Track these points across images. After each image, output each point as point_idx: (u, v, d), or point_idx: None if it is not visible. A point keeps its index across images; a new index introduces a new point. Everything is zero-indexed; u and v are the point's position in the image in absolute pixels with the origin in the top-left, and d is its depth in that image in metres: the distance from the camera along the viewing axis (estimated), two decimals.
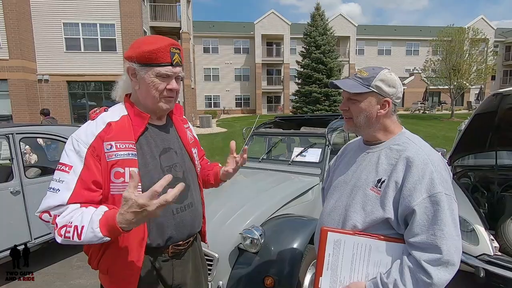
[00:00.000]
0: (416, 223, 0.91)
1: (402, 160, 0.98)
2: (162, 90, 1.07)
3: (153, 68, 1.05)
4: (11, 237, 2.83)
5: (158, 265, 1.11)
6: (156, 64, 1.05)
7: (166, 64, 1.06)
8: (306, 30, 22.39)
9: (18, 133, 2.96)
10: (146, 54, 1.03)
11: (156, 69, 1.05)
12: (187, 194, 1.19)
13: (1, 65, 13.00)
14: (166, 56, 1.05)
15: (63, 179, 0.98)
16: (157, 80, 1.06)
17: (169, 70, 1.07)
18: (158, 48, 1.04)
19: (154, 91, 1.07)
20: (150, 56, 1.03)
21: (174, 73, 1.08)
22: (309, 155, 3.01)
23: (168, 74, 1.07)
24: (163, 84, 1.07)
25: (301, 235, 2.02)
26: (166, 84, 1.08)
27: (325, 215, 1.13)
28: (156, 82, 1.06)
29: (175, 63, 1.08)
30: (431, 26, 32.85)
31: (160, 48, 1.04)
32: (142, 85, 1.08)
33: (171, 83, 1.09)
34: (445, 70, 18.65)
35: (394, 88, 1.04)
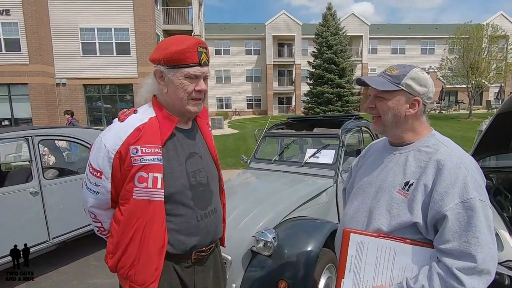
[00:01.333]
0: (447, 229, 0.87)
1: (433, 163, 0.94)
2: (191, 92, 1.06)
3: (181, 69, 1.03)
4: (30, 236, 2.91)
5: (181, 272, 1.10)
6: (184, 65, 1.02)
7: (194, 65, 1.04)
8: (318, 30, 22.22)
9: (37, 135, 3.05)
10: (173, 55, 1.01)
11: (185, 70, 1.03)
12: (211, 200, 1.17)
13: (22, 70, 13.52)
14: (194, 56, 1.03)
15: (99, 183, 1.05)
16: (185, 82, 1.04)
17: (197, 71, 1.05)
18: (186, 48, 1.01)
19: (183, 93, 1.05)
20: (178, 57, 1.01)
21: (203, 73, 1.07)
22: (323, 156, 2.96)
23: (197, 75, 1.05)
24: (191, 86, 1.05)
25: (315, 238, 1.98)
26: (194, 85, 1.06)
27: (348, 217, 1.10)
28: (185, 84, 1.04)
29: (203, 62, 1.05)
30: (447, 24, 31.95)
31: (187, 48, 1.02)
32: (170, 87, 1.06)
33: (200, 83, 1.07)
34: (463, 68, 18.09)
35: (425, 88, 1.00)
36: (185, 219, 1.08)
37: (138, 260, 1.03)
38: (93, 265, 3.27)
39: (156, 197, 1.01)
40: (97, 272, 3.11)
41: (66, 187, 3.23)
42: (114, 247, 1.07)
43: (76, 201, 2.99)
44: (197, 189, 1.12)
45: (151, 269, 1.03)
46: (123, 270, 1.06)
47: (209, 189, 1.18)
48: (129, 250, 1.03)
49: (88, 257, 3.45)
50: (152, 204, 1.01)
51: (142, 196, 1.01)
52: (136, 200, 1.01)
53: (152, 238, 1.02)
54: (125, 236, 1.04)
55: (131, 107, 1.13)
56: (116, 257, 1.06)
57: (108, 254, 1.10)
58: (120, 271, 1.07)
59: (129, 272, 1.05)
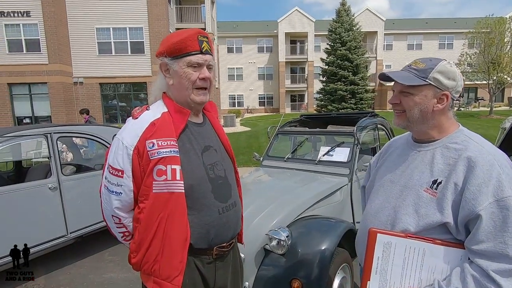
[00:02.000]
0: (481, 229, 0.83)
1: (463, 160, 0.90)
2: (195, 80, 1.06)
3: (184, 58, 1.05)
4: (50, 231, 3.00)
5: (203, 268, 1.10)
6: (185, 54, 1.04)
7: (196, 52, 1.05)
8: (331, 27, 21.88)
9: (55, 132, 3.13)
10: (175, 45, 1.04)
11: (187, 58, 1.05)
12: (230, 193, 1.17)
13: (42, 70, 13.98)
14: (195, 44, 1.05)
15: (121, 183, 1.04)
16: (189, 70, 1.05)
17: (199, 58, 1.06)
18: (186, 37, 1.04)
19: (187, 82, 1.06)
20: (179, 46, 1.03)
21: (205, 60, 1.07)
22: (337, 154, 2.91)
23: (199, 62, 1.06)
24: (195, 74, 1.06)
25: (329, 237, 1.94)
26: (198, 74, 1.06)
27: (370, 216, 1.06)
28: (188, 72, 1.05)
29: (204, 50, 1.07)
30: (466, 18, 30.80)
31: (187, 37, 1.04)
32: (175, 79, 1.07)
33: (203, 71, 1.07)
34: (483, 64, 17.42)
35: (454, 81, 0.95)
36: (207, 212, 1.07)
37: (162, 254, 1.02)
38: (108, 260, 3.35)
39: (176, 189, 1.01)
40: (112, 267, 3.18)
41: (83, 183, 3.31)
42: (137, 245, 1.06)
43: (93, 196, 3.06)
44: (216, 182, 1.12)
45: (175, 262, 1.02)
46: (147, 265, 1.05)
47: (227, 182, 1.17)
48: (153, 245, 1.03)
49: (103, 252, 3.53)
50: (173, 196, 1.01)
51: (162, 189, 1.00)
52: (156, 194, 1.01)
53: (175, 231, 1.01)
54: (148, 232, 1.03)
55: (145, 105, 1.14)
56: (140, 254, 1.06)
57: (131, 253, 1.09)
58: (144, 267, 1.06)
59: (153, 267, 1.04)
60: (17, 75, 13.97)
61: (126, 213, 1.09)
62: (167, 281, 1.03)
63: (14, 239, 2.73)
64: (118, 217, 1.09)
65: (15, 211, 2.77)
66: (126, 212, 1.09)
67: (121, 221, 1.10)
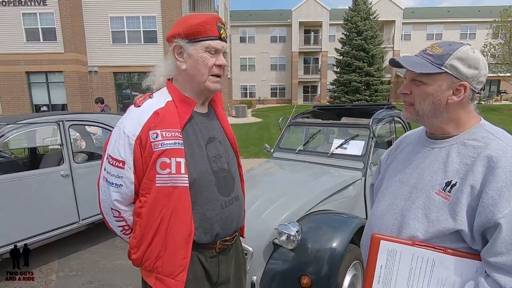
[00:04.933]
0: (501, 239, 0.72)
1: (482, 159, 0.79)
2: (211, 66, 1.01)
3: (202, 42, 0.99)
4: (62, 217, 3.06)
5: (206, 262, 1.07)
6: (205, 38, 0.99)
7: (215, 38, 1.00)
8: (347, 15, 21.21)
9: (67, 120, 3.15)
10: (194, 27, 0.98)
11: (206, 42, 0.99)
12: (233, 187, 1.13)
13: (58, 58, 14.24)
14: (214, 29, 1.00)
15: (122, 175, 0.99)
16: (206, 55, 1.00)
17: (218, 44, 1.01)
18: (206, 20, 0.98)
19: (203, 68, 1.00)
20: (198, 29, 0.98)
21: (222, 47, 1.03)
22: (351, 147, 2.80)
23: (217, 48, 1.01)
24: (212, 60, 1.01)
25: (341, 234, 1.87)
26: (215, 60, 1.01)
27: (376, 218, 0.97)
28: (206, 57, 1.00)
29: (222, 37, 1.02)
30: (491, 6, 29.21)
31: (207, 20, 0.99)
32: (190, 63, 1.01)
33: (220, 58, 1.02)
34: (508, 55, 16.56)
35: (476, 70, 0.82)
36: (210, 206, 1.04)
37: (164, 251, 0.99)
38: (119, 247, 3.40)
39: (180, 183, 0.96)
40: (122, 254, 3.22)
41: (95, 170, 3.34)
42: (138, 241, 1.02)
43: None
44: (219, 175, 1.08)
45: (178, 259, 0.99)
46: (149, 262, 1.01)
47: (230, 175, 1.13)
48: (155, 241, 0.99)
49: (114, 239, 3.59)
50: (177, 191, 0.96)
51: (166, 183, 0.96)
52: (159, 187, 0.96)
53: (179, 226, 0.98)
54: (149, 228, 0.99)
55: (148, 93, 1.09)
56: (141, 251, 1.02)
57: (131, 249, 1.06)
58: (145, 263, 1.03)
59: (155, 263, 1.01)
60: (34, 63, 14.28)
61: (126, 206, 1.05)
62: (170, 277, 0.99)
63: (27, 225, 2.79)
64: (118, 210, 1.04)
65: (29, 197, 2.82)
66: (126, 205, 1.05)
67: (121, 214, 1.05)
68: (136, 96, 1.07)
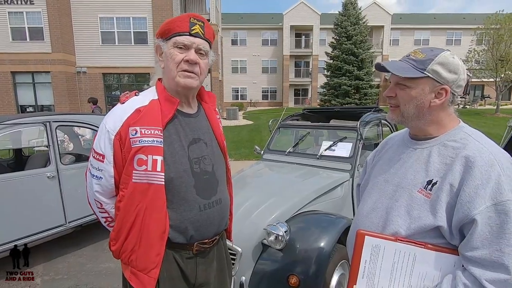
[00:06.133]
0: (476, 235, 0.77)
1: (460, 159, 0.83)
2: (179, 62, 1.02)
3: (172, 39, 1.03)
4: (48, 220, 3.00)
5: (182, 262, 1.07)
6: (174, 34, 1.02)
7: (183, 33, 1.02)
8: (337, 20, 21.57)
9: (54, 121, 3.10)
10: (165, 27, 1.03)
11: (174, 39, 1.02)
12: (216, 190, 1.12)
13: (45, 58, 13.95)
14: (184, 25, 1.02)
15: (102, 168, 1.03)
16: (174, 51, 1.02)
17: (186, 39, 1.02)
18: (177, 18, 1.03)
19: (172, 63, 1.02)
20: (168, 26, 1.02)
21: (192, 42, 1.03)
22: (339, 149, 2.85)
23: (185, 43, 1.02)
24: (180, 55, 1.02)
25: (328, 233, 1.91)
26: (184, 56, 1.02)
27: (362, 217, 1.01)
28: (173, 53, 1.02)
29: (193, 32, 1.03)
30: (476, 13, 30.20)
31: (178, 18, 1.03)
32: (165, 61, 1.05)
33: (189, 53, 1.02)
34: (491, 61, 17.12)
35: (456, 75, 0.87)
36: (186, 207, 1.04)
37: (139, 245, 1.01)
38: (107, 250, 3.31)
39: (156, 181, 0.98)
40: (110, 257, 3.14)
41: (83, 172, 3.28)
42: (116, 234, 1.05)
43: None
44: (200, 176, 1.07)
45: (152, 255, 1.00)
46: (125, 255, 1.04)
47: (214, 178, 1.12)
48: (131, 235, 1.02)
49: (102, 241, 3.53)
50: (152, 188, 0.98)
51: (142, 179, 0.98)
52: (135, 183, 0.98)
53: (153, 223, 0.99)
54: (126, 221, 1.01)
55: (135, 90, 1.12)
56: (119, 243, 1.05)
57: (111, 241, 1.08)
58: (122, 255, 1.05)
59: (130, 257, 1.03)
60: (20, 63, 13.96)
61: (108, 198, 1.08)
62: (143, 272, 1.01)
63: (12, 227, 2.72)
64: (99, 202, 1.08)
65: (14, 199, 2.76)
66: (108, 197, 1.08)
67: (102, 206, 1.09)
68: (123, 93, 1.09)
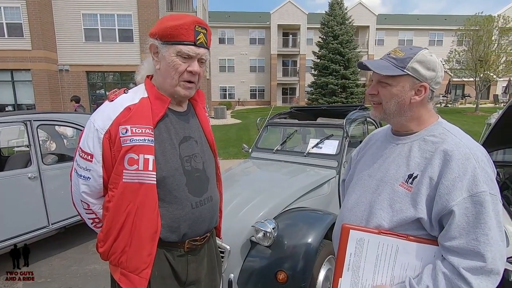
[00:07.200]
0: (454, 225, 0.80)
1: (439, 153, 0.87)
2: (182, 72, 1.00)
3: (175, 46, 0.98)
4: (30, 222, 2.91)
5: (173, 260, 1.06)
6: (178, 42, 0.98)
7: (189, 43, 0.99)
8: (324, 20, 21.77)
9: (35, 120, 3.00)
10: (168, 30, 0.97)
11: (178, 47, 0.98)
12: (207, 187, 1.12)
13: (25, 56, 13.44)
14: (190, 34, 0.98)
15: (90, 167, 0.99)
16: (177, 60, 0.99)
17: (191, 50, 0.99)
18: (182, 24, 0.97)
19: (173, 72, 1.00)
20: (172, 32, 0.97)
21: (197, 54, 1.01)
22: (326, 147, 2.90)
23: (190, 55, 0.99)
24: (183, 66, 1.00)
25: (316, 230, 1.94)
26: (187, 66, 1.00)
27: (346, 211, 1.03)
28: (176, 63, 0.99)
29: (198, 43, 1.00)
30: (457, 15, 31.19)
31: (183, 24, 0.97)
32: (163, 64, 1.01)
33: (192, 65, 1.01)
34: (471, 61, 17.70)
35: (434, 72, 0.91)
36: (179, 205, 1.03)
37: (130, 246, 0.99)
38: (92, 251, 3.27)
39: (147, 180, 0.97)
40: (96, 258, 3.11)
41: (66, 172, 3.19)
42: (105, 235, 1.03)
43: None
44: (192, 174, 1.07)
45: (143, 255, 0.99)
46: (114, 256, 1.02)
47: (205, 176, 1.12)
48: (121, 236, 0.99)
49: (87, 243, 3.46)
50: (144, 187, 0.97)
51: (133, 179, 0.96)
52: (126, 183, 0.97)
53: (144, 223, 0.97)
54: (116, 222, 0.99)
55: (124, 88, 1.09)
56: (107, 244, 1.02)
57: (99, 242, 1.06)
58: (111, 257, 1.03)
59: (120, 258, 1.01)
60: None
61: (95, 199, 1.06)
62: (134, 273, 0.99)
63: None
64: (86, 203, 1.05)
65: None
66: (95, 198, 1.05)
67: (89, 207, 1.06)
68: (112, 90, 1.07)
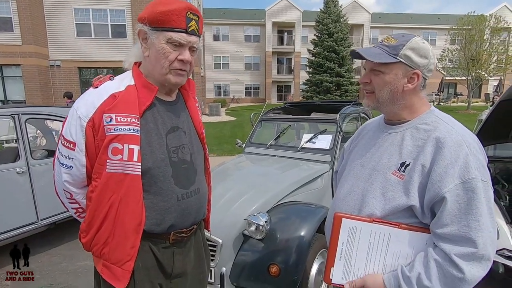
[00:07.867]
0: (446, 212, 0.80)
1: (431, 141, 0.86)
2: (173, 60, 0.96)
3: (165, 32, 0.94)
4: (18, 217, 2.85)
5: (158, 252, 1.03)
6: (168, 28, 0.93)
7: (180, 30, 0.94)
8: (319, 17, 21.80)
9: (23, 113, 2.93)
10: (158, 15, 0.92)
11: (168, 34, 0.94)
12: (194, 179, 1.09)
13: (15, 51, 13.16)
14: (181, 20, 0.94)
15: (72, 156, 0.96)
16: (167, 48, 0.94)
17: (182, 38, 0.95)
18: (173, 9, 0.92)
19: (164, 60, 0.95)
20: (162, 18, 0.92)
21: (188, 42, 0.96)
22: (319, 141, 2.89)
23: (181, 42, 0.95)
24: (174, 54, 0.96)
25: (308, 223, 1.93)
26: (177, 54, 0.96)
27: (339, 200, 1.02)
28: (167, 50, 0.95)
29: (190, 30, 0.96)
30: (449, 14, 31.50)
31: (175, 10, 0.92)
32: (152, 51, 0.97)
33: (184, 53, 0.97)
34: (463, 60, 17.91)
35: (426, 59, 0.90)
36: (164, 197, 1.00)
37: (113, 237, 0.96)
38: None
39: (132, 171, 0.93)
40: (87, 255, 3.04)
41: None
42: (88, 225, 1.00)
43: None
44: (178, 166, 1.04)
45: (126, 247, 0.96)
46: (97, 247, 0.99)
47: (192, 167, 1.09)
48: (104, 227, 0.96)
49: (77, 240, 3.40)
50: (128, 178, 0.93)
51: (117, 169, 0.93)
52: (109, 173, 0.93)
53: (128, 214, 0.95)
54: (99, 212, 0.96)
55: (109, 74, 1.04)
56: (90, 235, 0.99)
57: (81, 233, 1.03)
58: (93, 248, 1.00)
59: (102, 250, 0.98)
60: None
61: (78, 189, 1.02)
62: (117, 265, 0.97)
63: None
64: (69, 192, 1.02)
65: None
66: (78, 187, 1.02)
67: (72, 196, 1.03)
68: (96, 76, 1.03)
